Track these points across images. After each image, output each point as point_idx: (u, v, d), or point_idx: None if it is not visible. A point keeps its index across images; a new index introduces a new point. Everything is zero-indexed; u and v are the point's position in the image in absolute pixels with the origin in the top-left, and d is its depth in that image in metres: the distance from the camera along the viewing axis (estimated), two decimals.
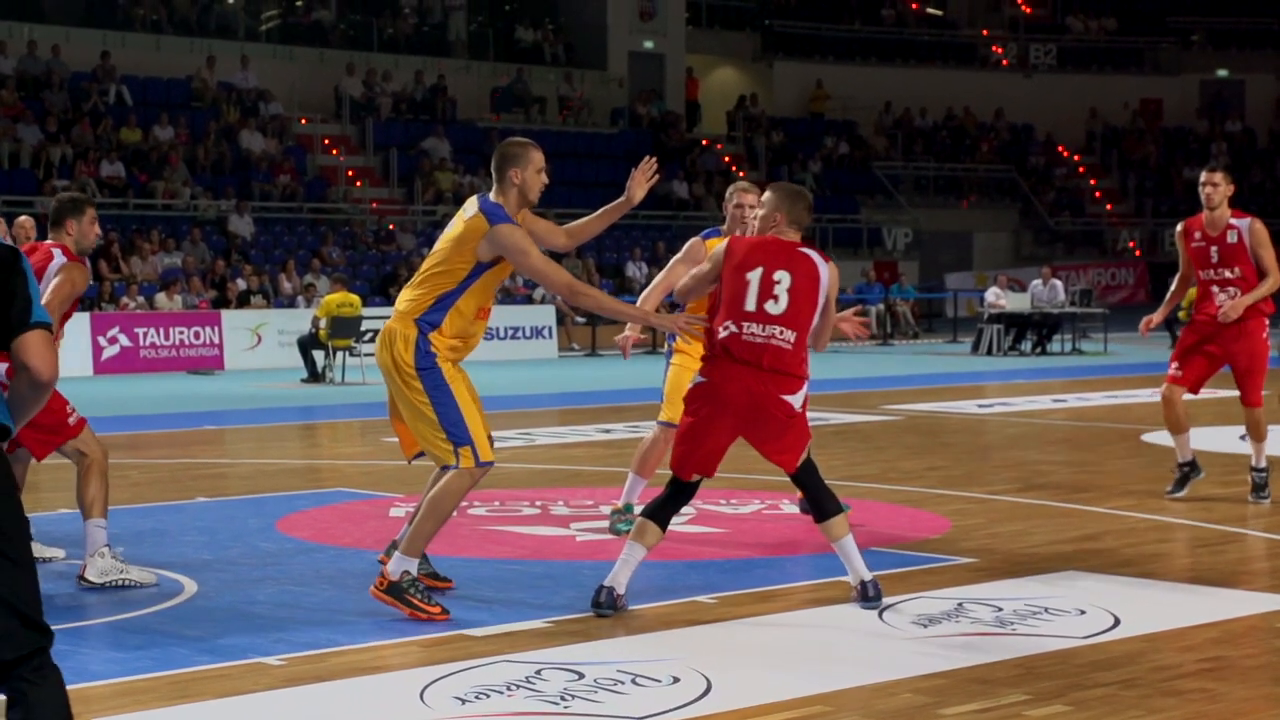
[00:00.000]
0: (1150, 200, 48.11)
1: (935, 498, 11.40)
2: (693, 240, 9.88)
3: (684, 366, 9.41)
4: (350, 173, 35.42)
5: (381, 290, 30.26)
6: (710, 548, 9.49)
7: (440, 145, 36.14)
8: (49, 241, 8.50)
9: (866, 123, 45.61)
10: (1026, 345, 30.12)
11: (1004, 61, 50.14)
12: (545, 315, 29.73)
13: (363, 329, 24.14)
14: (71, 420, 8.42)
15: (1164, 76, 50.94)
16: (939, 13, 51.69)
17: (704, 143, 41.82)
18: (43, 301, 7.98)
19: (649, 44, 42.30)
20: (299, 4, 39.74)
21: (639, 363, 28.40)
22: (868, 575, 7.70)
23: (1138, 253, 46.63)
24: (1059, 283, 31.08)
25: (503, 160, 7.86)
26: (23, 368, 4.18)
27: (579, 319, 30.25)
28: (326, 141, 35.97)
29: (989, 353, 29.58)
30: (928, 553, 9.15)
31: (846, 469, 12.87)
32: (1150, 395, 20.45)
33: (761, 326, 7.52)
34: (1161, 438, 15.28)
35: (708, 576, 8.57)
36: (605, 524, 10.08)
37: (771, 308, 7.54)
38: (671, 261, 9.73)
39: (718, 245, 8.00)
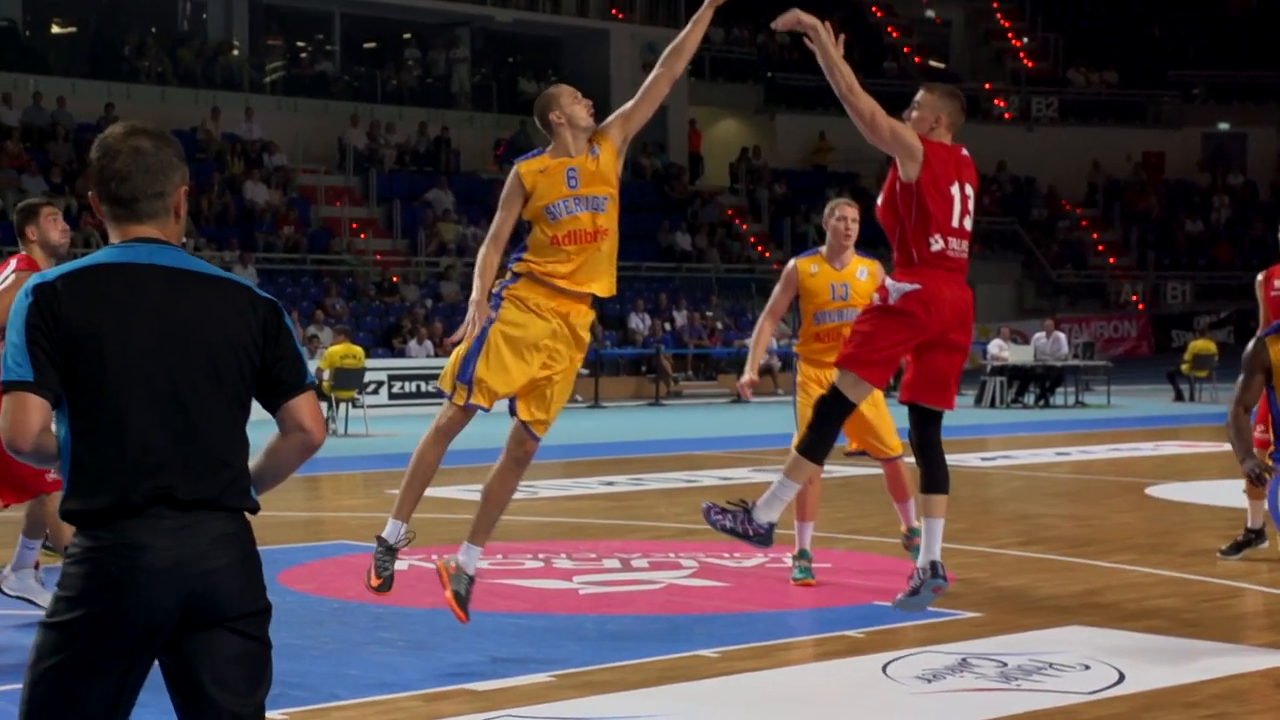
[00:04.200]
0: (1153, 253, 48.16)
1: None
2: (789, 265, 10.03)
3: (808, 392, 9.52)
4: (354, 224, 35.48)
5: (385, 341, 30.28)
6: (713, 601, 9.46)
7: (444, 196, 36.22)
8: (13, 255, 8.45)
9: (869, 175, 45.61)
10: (1030, 398, 30.11)
11: (1006, 114, 50.29)
12: None
13: (366, 380, 24.14)
14: (50, 476, 8.31)
15: (1166, 130, 51.07)
16: (941, 65, 51.87)
17: (706, 194, 41.91)
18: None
19: None
20: (303, 56, 39.91)
21: (642, 415, 28.42)
22: (938, 556, 7.66)
23: (1140, 305, 46.67)
24: (1062, 335, 31.10)
25: (542, 112, 8.18)
26: (296, 430, 4.03)
27: (582, 370, 30.22)
28: (330, 193, 36.06)
29: (992, 405, 29.57)
30: (931, 607, 9.12)
31: (849, 522, 12.85)
32: (1153, 449, 20.44)
33: (960, 242, 7.60)
34: (1164, 491, 15.27)
35: (711, 630, 8.54)
36: (607, 577, 10.06)
37: (967, 223, 7.61)
38: (774, 293, 9.95)
39: (908, 133, 7.80)
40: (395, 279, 33.57)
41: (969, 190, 7.66)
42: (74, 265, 3.93)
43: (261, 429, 3.87)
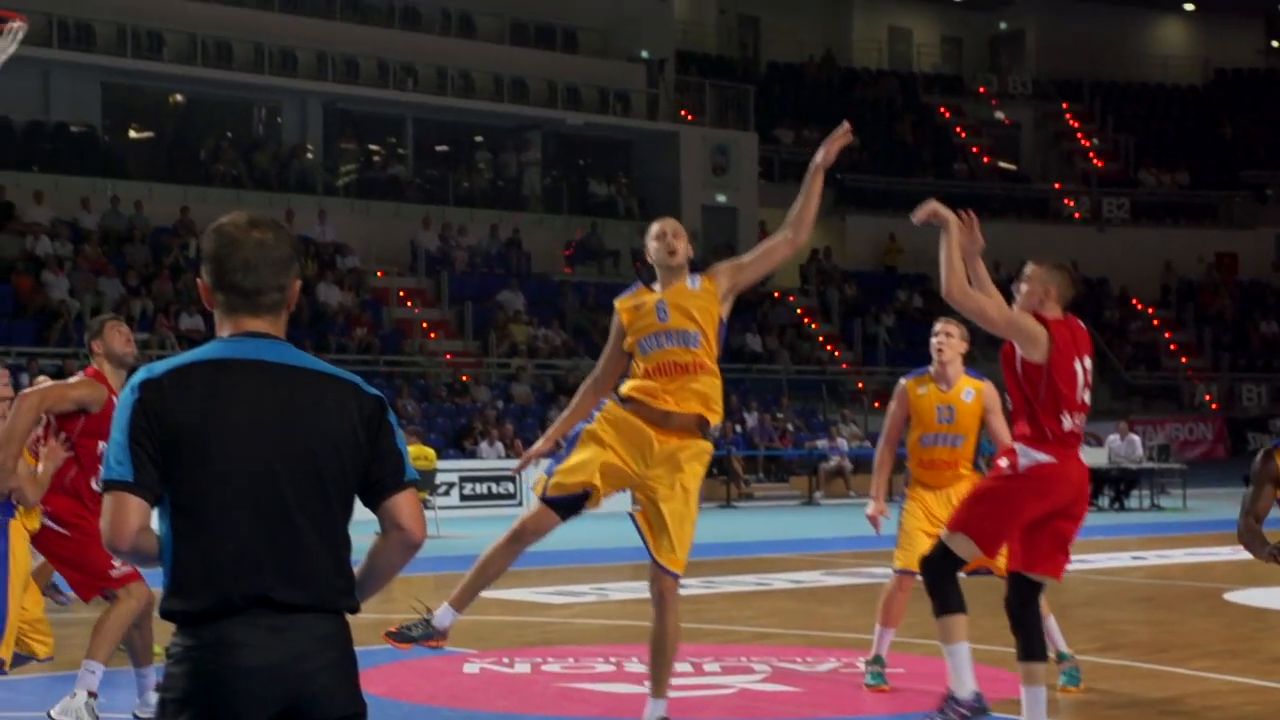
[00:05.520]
0: (1227, 354, 47.78)
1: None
2: (899, 385, 10.05)
3: (917, 503, 9.49)
4: (425, 325, 35.68)
5: (456, 443, 30.34)
6: (786, 706, 9.37)
7: (515, 298, 36.40)
8: None
9: (939, 276, 45.40)
10: (1104, 501, 29.82)
11: (1077, 215, 50.19)
12: None
13: (437, 482, 24.16)
14: (115, 573, 8.42)
15: (1238, 230, 50.82)
16: (1012, 167, 51.90)
17: (776, 295, 41.93)
18: (44, 403, 8.12)
19: (721, 198, 42.61)
20: (376, 159, 40.31)
21: (714, 517, 28.29)
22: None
23: (1215, 407, 46.24)
24: (1137, 438, 30.83)
25: (643, 247, 8.36)
26: (395, 529, 4.00)
27: None
28: (402, 294, 36.29)
29: None
30: (1007, 714, 8.99)
31: (921, 627, 12.70)
32: (1230, 553, 20.17)
33: (1083, 416, 7.67)
34: (1243, 597, 15.05)
35: None
36: (679, 681, 9.98)
37: (1087, 396, 7.64)
38: (889, 412, 9.93)
39: (1025, 320, 7.73)
40: (466, 380, 33.68)
41: (1088, 363, 7.68)
42: (181, 360, 3.90)
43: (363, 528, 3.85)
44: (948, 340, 9.85)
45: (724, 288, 8.03)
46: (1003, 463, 7.73)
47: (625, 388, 7.96)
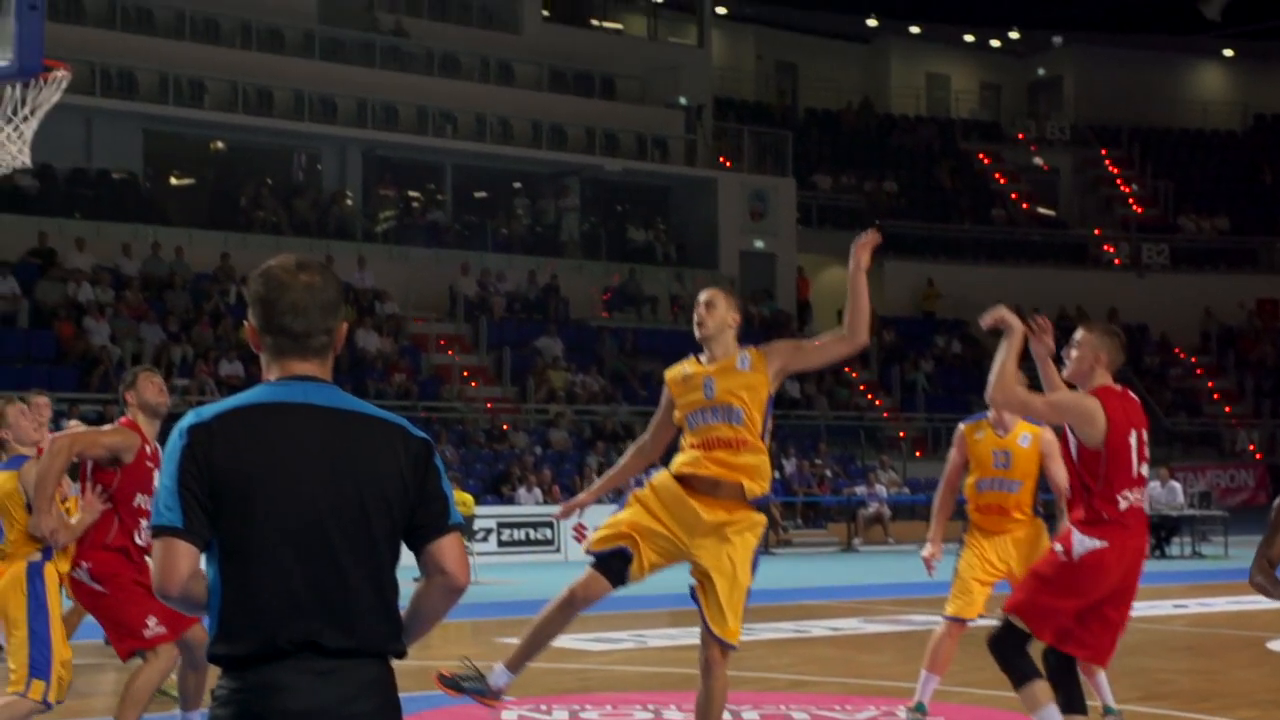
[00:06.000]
0: (1269, 401, 47.52)
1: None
2: (958, 429, 10.01)
3: (974, 551, 9.48)
4: (464, 371, 35.74)
5: (494, 489, 30.34)
6: None
7: (553, 344, 36.44)
8: None
9: (978, 322, 45.51)
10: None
11: (1116, 261, 50.03)
12: None
13: (475, 528, 24.15)
14: (148, 633, 8.45)
15: (1279, 276, 50.59)
16: (1050, 212, 51.81)
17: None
18: (75, 446, 8.25)
19: (760, 244, 42.62)
20: (415, 205, 40.46)
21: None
22: None
23: (1257, 455, 45.93)
24: (1177, 484, 30.65)
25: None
26: (438, 573, 3.97)
27: None
28: (441, 340, 36.37)
29: None
30: None
31: (964, 675, 12.63)
32: (1273, 602, 19.99)
33: (1141, 490, 7.58)
34: None
35: None
36: None
37: (1144, 469, 7.58)
38: (949, 458, 9.92)
39: (1076, 402, 7.67)
40: (505, 426, 33.70)
41: (1144, 435, 7.62)
42: (230, 404, 3.90)
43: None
44: None
45: (775, 368, 8.03)
46: (1058, 547, 7.68)
47: (674, 464, 8.01)
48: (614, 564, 7.85)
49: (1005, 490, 9.55)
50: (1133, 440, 7.53)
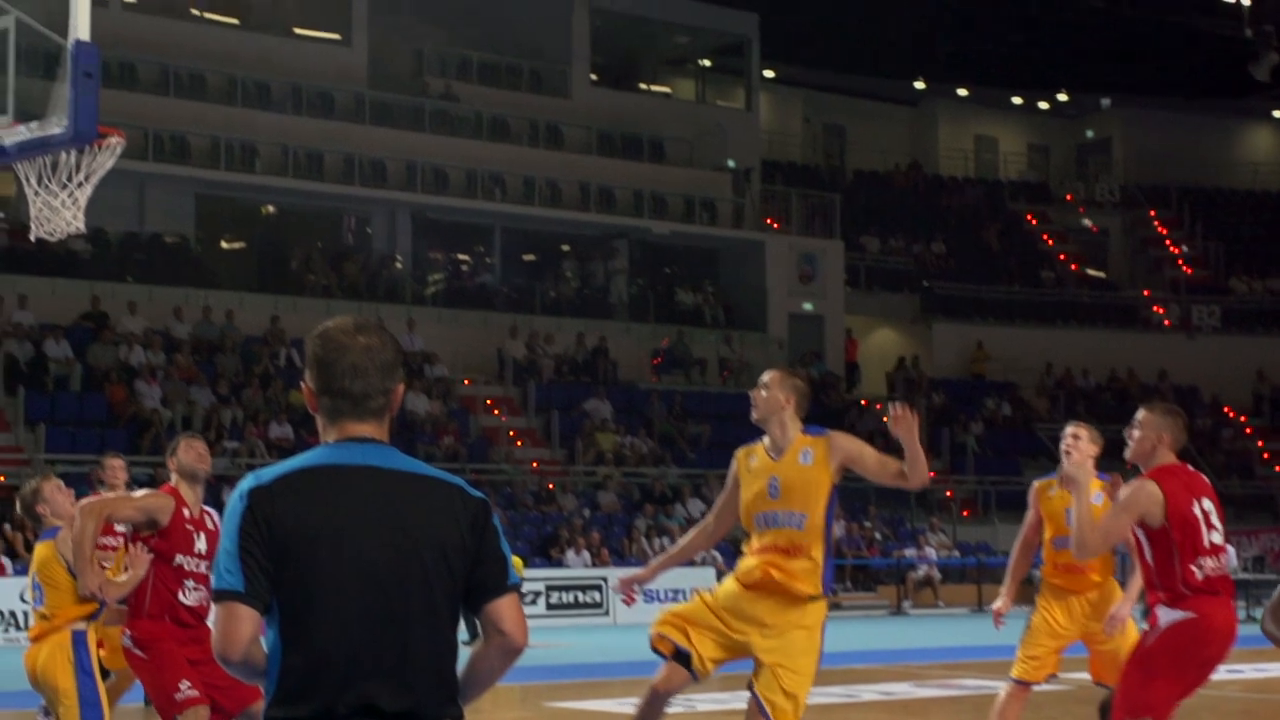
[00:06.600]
0: None
1: None
2: (1031, 486, 10.19)
3: (1044, 615, 9.47)
4: (512, 433, 35.79)
5: (542, 551, 30.32)
6: None
7: (601, 406, 36.47)
8: None
9: (1028, 384, 45.38)
10: None
11: (1166, 322, 49.79)
12: (706, 577, 29.53)
13: (523, 590, 24.08)
14: (179, 696, 8.57)
15: None
16: (1100, 274, 51.65)
17: (864, 403, 41.79)
18: (104, 509, 8.46)
19: (808, 306, 42.62)
20: (464, 268, 40.63)
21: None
22: None
23: None
24: (1231, 549, 30.30)
25: None
26: (498, 634, 3.95)
27: None
28: (489, 403, 36.44)
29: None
30: None
31: None
32: None
33: (1218, 557, 7.58)
34: None
35: None
36: None
37: (1216, 537, 7.56)
38: (1026, 517, 9.97)
39: (1132, 491, 7.69)
40: (552, 488, 33.71)
41: (1208, 504, 7.59)
42: (289, 467, 3.89)
43: None
44: (1075, 443, 9.84)
45: (837, 462, 8.16)
46: (1145, 626, 7.66)
47: (738, 569, 8.11)
48: (680, 658, 7.96)
49: None
50: (1198, 510, 7.50)
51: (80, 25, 8.93)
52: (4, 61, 9.38)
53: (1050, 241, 51.56)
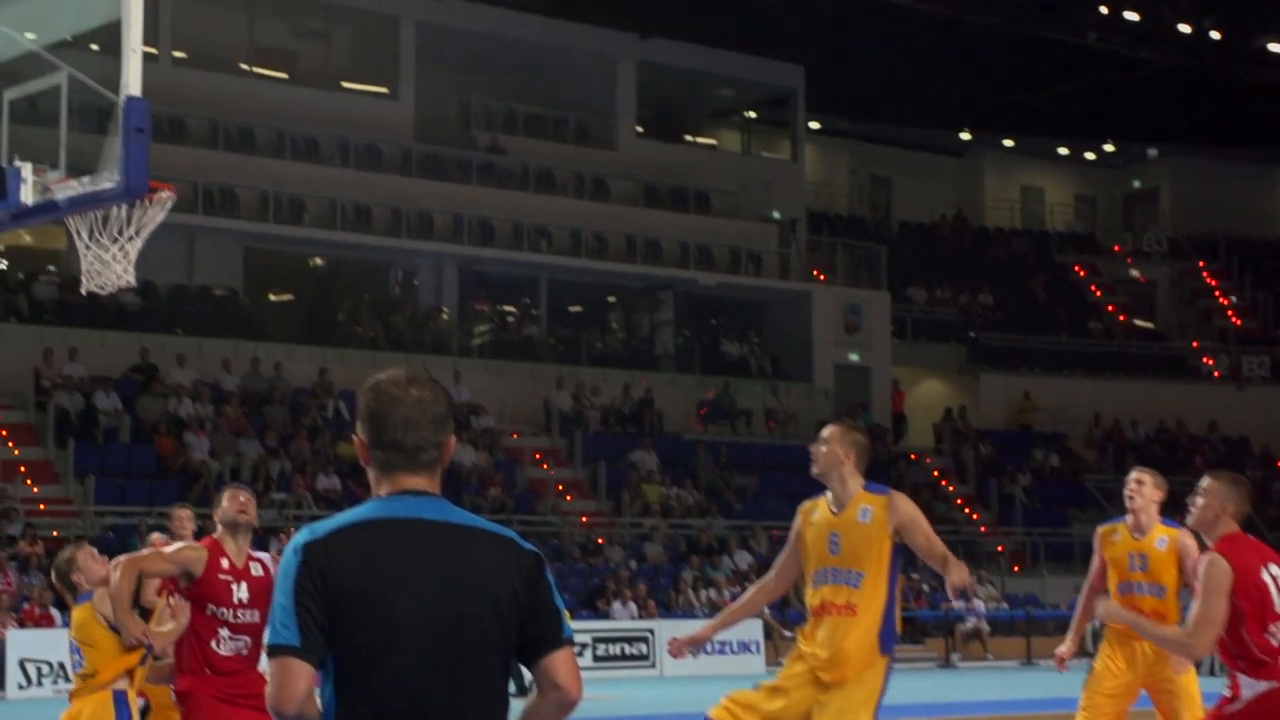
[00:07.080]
0: None
1: None
2: (1096, 531, 10.07)
3: (1106, 666, 9.45)
4: (559, 485, 35.79)
5: (589, 602, 30.28)
6: None
7: (648, 457, 36.45)
8: None
9: (1076, 435, 45.16)
10: None
11: (1216, 373, 49.51)
12: (753, 630, 29.45)
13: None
14: None
15: None
16: (1148, 325, 51.44)
17: (911, 455, 41.66)
18: (136, 566, 8.59)
19: (854, 356, 42.55)
20: (510, 320, 40.74)
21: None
22: None
23: None
24: None
25: None
26: (551, 688, 3.95)
27: (786, 633, 29.91)
28: (536, 454, 36.46)
29: (1211, 673, 28.62)
30: None
31: None
32: None
33: None
34: None
35: None
36: None
37: None
38: (1092, 562, 9.95)
39: (1206, 572, 7.54)
40: (599, 540, 33.68)
41: (1276, 570, 7.52)
42: (343, 521, 3.90)
43: None
44: (1139, 489, 9.80)
45: (894, 524, 8.20)
46: (1226, 692, 7.59)
47: (800, 642, 8.18)
48: None
49: (1147, 594, 9.48)
50: (1266, 577, 7.43)
51: (132, 81, 8.99)
52: (56, 117, 9.47)
53: (1098, 292, 51.38)
